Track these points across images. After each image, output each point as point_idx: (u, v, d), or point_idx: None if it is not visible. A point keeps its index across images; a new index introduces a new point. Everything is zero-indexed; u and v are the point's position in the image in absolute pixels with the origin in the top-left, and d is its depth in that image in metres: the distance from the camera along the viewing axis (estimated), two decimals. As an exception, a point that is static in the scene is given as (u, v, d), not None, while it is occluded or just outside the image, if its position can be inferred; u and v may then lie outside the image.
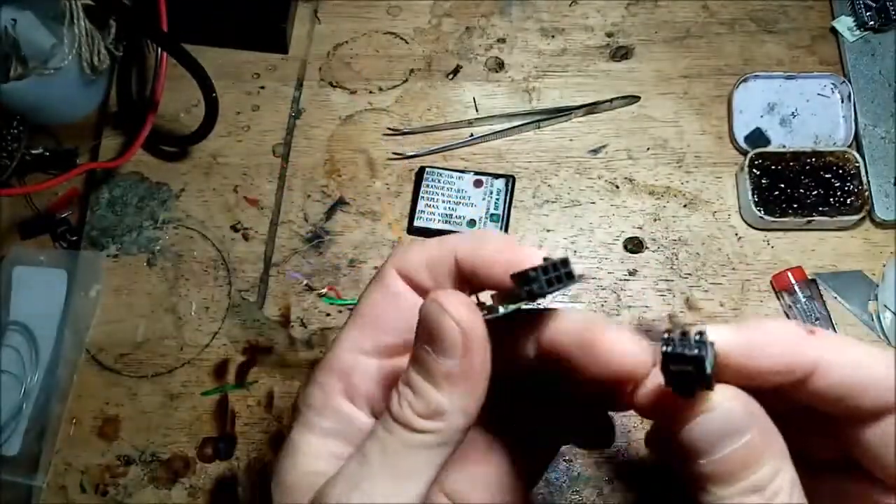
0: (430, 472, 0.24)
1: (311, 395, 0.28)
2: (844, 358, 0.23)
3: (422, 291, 0.29)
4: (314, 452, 0.27)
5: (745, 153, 0.58)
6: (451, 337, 0.24)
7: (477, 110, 0.62)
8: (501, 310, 0.26)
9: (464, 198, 0.58)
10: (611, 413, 0.32)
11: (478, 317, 0.24)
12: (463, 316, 0.24)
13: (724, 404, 0.22)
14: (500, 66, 0.64)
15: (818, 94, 0.61)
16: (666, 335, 0.23)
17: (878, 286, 0.55)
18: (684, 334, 0.23)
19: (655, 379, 0.25)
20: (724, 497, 0.22)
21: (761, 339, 0.23)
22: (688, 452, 0.23)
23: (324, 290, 0.46)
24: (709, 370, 0.22)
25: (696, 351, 0.22)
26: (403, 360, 0.27)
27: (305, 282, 0.43)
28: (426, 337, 0.24)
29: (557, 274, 0.26)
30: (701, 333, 0.23)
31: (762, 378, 0.23)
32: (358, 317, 0.29)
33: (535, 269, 0.25)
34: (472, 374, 0.24)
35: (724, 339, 0.23)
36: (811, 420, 0.24)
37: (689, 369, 0.22)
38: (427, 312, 0.24)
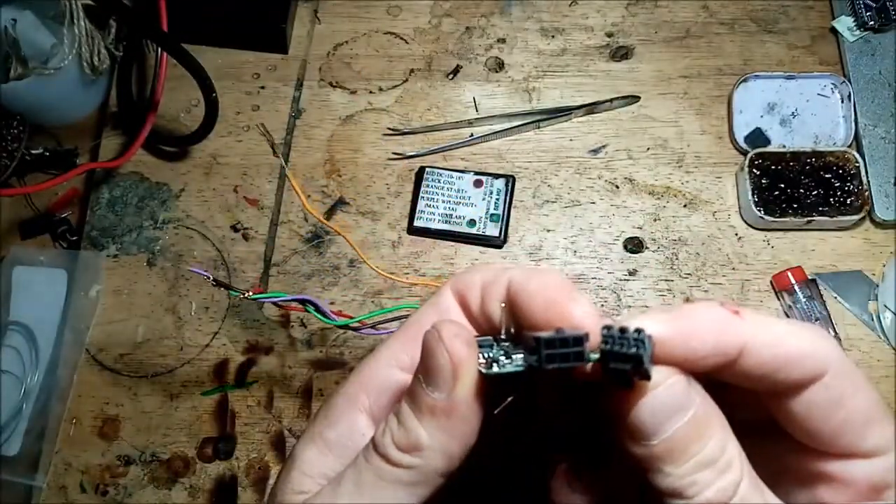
0: None
1: (333, 403, 0.27)
2: (769, 336, 0.23)
3: (470, 313, 0.28)
4: (308, 470, 0.26)
5: (745, 153, 0.58)
6: (441, 367, 0.23)
7: (477, 110, 0.62)
8: (496, 368, 0.24)
9: (464, 198, 0.58)
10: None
11: (473, 354, 0.24)
12: (457, 349, 0.23)
13: (665, 384, 0.23)
14: (500, 66, 0.64)
15: (818, 94, 0.61)
16: (605, 331, 0.23)
17: (878, 286, 0.55)
18: (623, 331, 0.23)
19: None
20: (678, 475, 0.22)
21: (690, 325, 0.24)
22: (637, 436, 0.23)
23: (247, 293, 0.44)
24: (646, 365, 0.22)
25: (634, 349, 0.22)
26: None
27: (211, 277, 0.42)
28: (421, 366, 0.24)
29: (565, 352, 0.23)
30: (639, 331, 0.23)
31: (696, 363, 0.23)
32: (403, 330, 0.28)
33: (541, 338, 0.23)
34: (457, 412, 0.23)
35: (658, 330, 0.23)
36: (739, 392, 0.25)
37: (627, 368, 0.23)
38: (425, 339, 0.24)
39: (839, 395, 0.23)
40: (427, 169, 0.59)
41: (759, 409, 0.25)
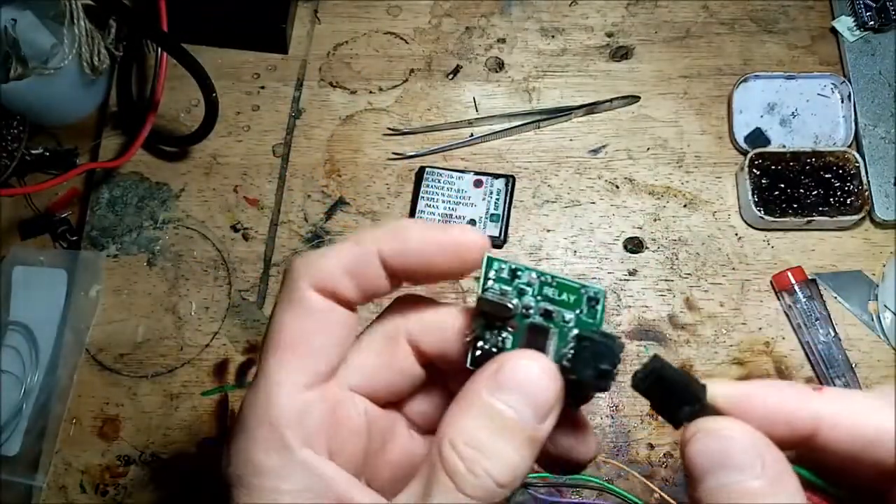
0: None
1: (254, 458, 0.25)
2: (845, 411, 0.23)
3: (347, 303, 0.27)
4: None
5: (745, 153, 0.58)
6: (552, 402, 0.24)
7: (477, 110, 0.62)
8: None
9: (464, 198, 0.58)
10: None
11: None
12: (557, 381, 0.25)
13: (721, 432, 0.22)
14: (500, 66, 0.64)
15: (818, 94, 0.61)
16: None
17: (878, 286, 0.55)
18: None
19: None
20: None
21: (758, 390, 0.24)
22: (688, 476, 0.23)
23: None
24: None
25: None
26: (337, 385, 0.27)
27: None
28: (523, 399, 0.24)
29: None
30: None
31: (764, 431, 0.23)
32: (281, 349, 0.26)
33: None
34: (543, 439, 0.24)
35: (724, 390, 0.24)
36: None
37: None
38: (528, 376, 0.24)
39: None
40: (427, 169, 0.59)
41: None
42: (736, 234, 0.58)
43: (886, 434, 0.22)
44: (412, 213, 0.58)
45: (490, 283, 0.27)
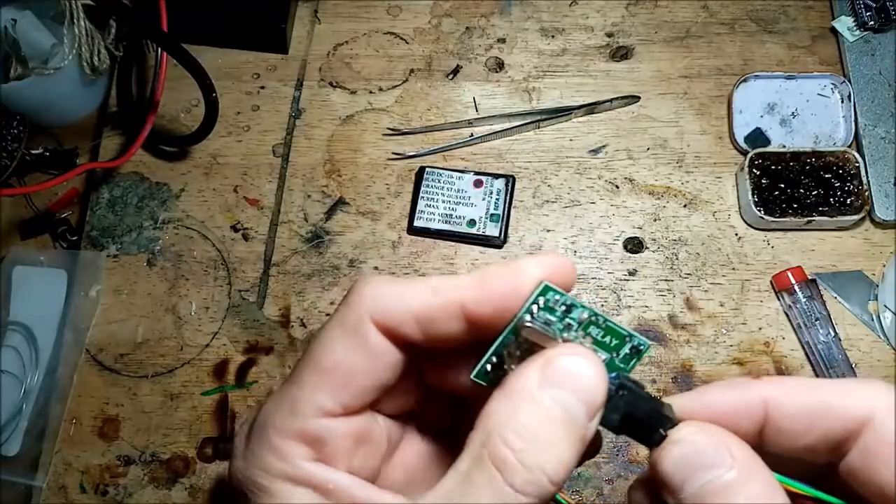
0: None
1: (271, 466, 0.25)
2: (793, 388, 0.24)
3: (407, 346, 0.26)
4: None
5: (745, 153, 0.58)
6: (601, 396, 0.24)
7: (477, 110, 0.62)
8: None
9: (464, 198, 0.58)
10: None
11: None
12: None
13: (689, 438, 0.23)
14: (500, 66, 0.64)
15: (818, 94, 0.61)
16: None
17: (878, 286, 0.55)
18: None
19: None
20: None
21: (708, 392, 0.24)
22: (666, 488, 0.23)
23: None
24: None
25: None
26: (365, 415, 0.27)
27: None
28: (578, 397, 0.23)
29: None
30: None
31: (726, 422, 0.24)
32: (323, 372, 0.25)
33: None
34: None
35: (681, 402, 0.24)
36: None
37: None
38: (579, 369, 0.24)
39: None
40: (427, 169, 0.59)
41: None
42: (736, 234, 0.58)
43: (826, 403, 0.23)
44: (412, 213, 0.58)
45: (536, 309, 0.25)
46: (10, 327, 0.55)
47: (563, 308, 0.26)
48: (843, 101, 0.60)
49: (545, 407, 0.23)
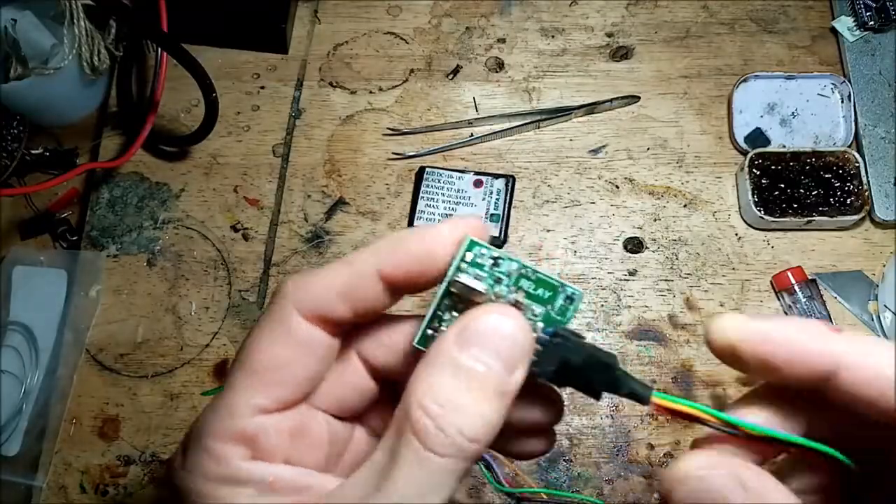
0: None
1: (209, 471, 0.25)
2: (868, 354, 0.22)
3: (337, 327, 0.26)
4: None
5: (745, 153, 0.58)
6: (518, 348, 0.24)
7: (477, 110, 0.62)
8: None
9: (464, 198, 0.58)
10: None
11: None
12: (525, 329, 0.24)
13: (700, 472, 0.23)
14: (500, 66, 0.64)
15: (818, 94, 0.61)
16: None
17: (878, 286, 0.55)
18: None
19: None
20: None
21: (776, 328, 0.23)
22: None
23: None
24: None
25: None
26: (304, 405, 0.27)
27: None
28: (493, 353, 0.24)
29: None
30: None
31: (782, 371, 0.23)
32: (253, 372, 0.26)
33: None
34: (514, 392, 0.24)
35: (740, 324, 0.23)
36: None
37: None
38: (501, 331, 0.24)
39: None
40: (427, 169, 0.59)
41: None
42: (736, 234, 0.58)
43: None
44: (412, 213, 0.58)
45: (465, 265, 0.26)
46: (10, 327, 0.55)
47: (491, 262, 0.26)
48: (843, 101, 0.60)
49: (462, 368, 0.23)
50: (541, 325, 0.26)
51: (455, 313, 0.26)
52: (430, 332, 0.26)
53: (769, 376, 0.24)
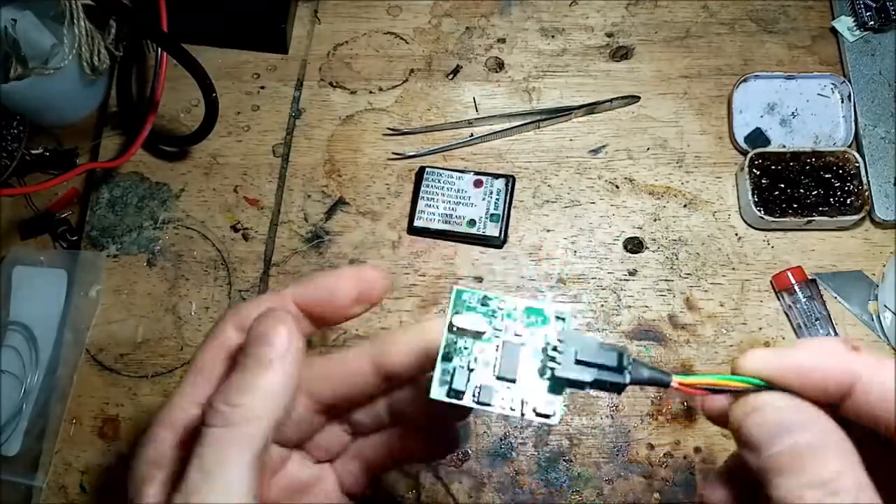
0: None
1: (143, 453, 0.29)
2: (883, 374, 0.24)
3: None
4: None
5: (745, 153, 0.58)
6: (269, 334, 0.28)
7: (477, 110, 0.62)
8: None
9: (464, 198, 0.58)
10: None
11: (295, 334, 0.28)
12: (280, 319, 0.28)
13: (775, 404, 0.25)
14: (500, 66, 0.64)
15: (818, 94, 0.61)
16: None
17: (878, 286, 0.55)
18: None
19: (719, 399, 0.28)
20: (787, 488, 0.24)
21: (795, 358, 0.25)
22: (749, 447, 0.25)
23: None
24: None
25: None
26: None
27: None
28: (251, 335, 0.28)
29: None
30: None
31: (804, 388, 0.25)
32: (193, 372, 0.31)
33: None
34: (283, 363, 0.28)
35: (764, 363, 0.26)
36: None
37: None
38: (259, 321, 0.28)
39: None
40: (427, 169, 0.59)
41: None
42: (736, 234, 0.58)
43: None
44: (412, 213, 0.58)
45: (458, 314, 0.28)
46: (10, 327, 0.55)
47: (480, 302, 0.29)
48: (843, 101, 0.60)
49: (244, 367, 0.28)
50: (545, 342, 0.28)
51: (462, 355, 0.28)
52: (447, 377, 0.28)
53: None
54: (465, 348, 0.28)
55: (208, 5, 0.62)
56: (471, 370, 0.28)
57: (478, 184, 0.59)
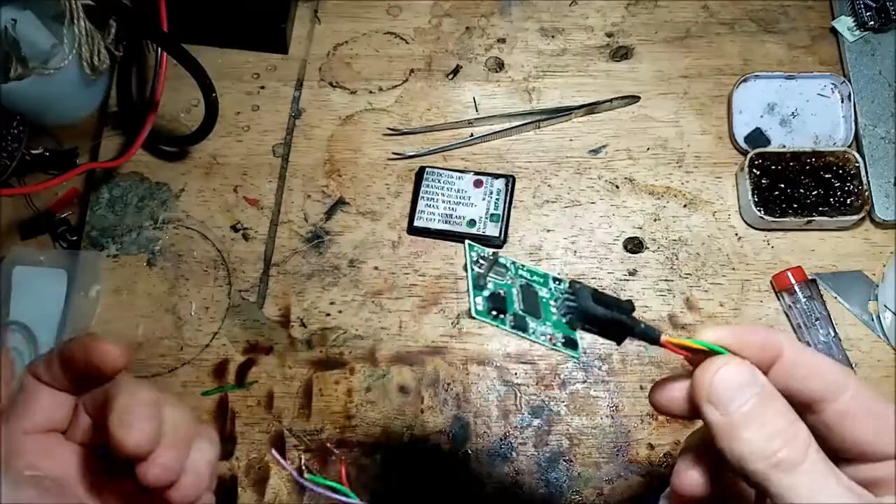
0: None
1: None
2: (801, 349, 0.29)
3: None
4: None
5: (745, 153, 0.58)
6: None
7: (477, 110, 0.62)
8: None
9: (464, 198, 0.58)
10: None
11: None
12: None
13: (737, 360, 0.28)
14: (500, 66, 0.64)
15: (818, 94, 0.61)
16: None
17: (878, 286, 0.55)
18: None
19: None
20: (754, 440, 0.26)
21: (740, 333, 0.29)
22: (718, 406, 0.27)
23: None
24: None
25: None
26: None
27: None
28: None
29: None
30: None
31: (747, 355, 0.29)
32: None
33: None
34: None
35: (715, 333, 0.29)
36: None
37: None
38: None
39: (866, 407, 0.28)
40: (427, 169, 0.59)
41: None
42: (736, 234, 0.58)
43: (832, 368, 0.29)
44: (412, 213, 0.58)
45: (475, 258, 0.33)
46: (10, 327, 0.55)
47: (491, 257, 0.33)
48: (843, 101, 0.60)
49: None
50: (551, 288, 0.33)
51: (496, 279, 0.32)
52: (487, 298, 0.31)
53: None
54: (493, 282, 0.32)
55: (208, 5, 0.62)
56: (504, 297, 0.31)
57: (478, 184, 0.59)
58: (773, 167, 0.57)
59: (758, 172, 0.57)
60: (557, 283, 0.33)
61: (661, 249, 0.58)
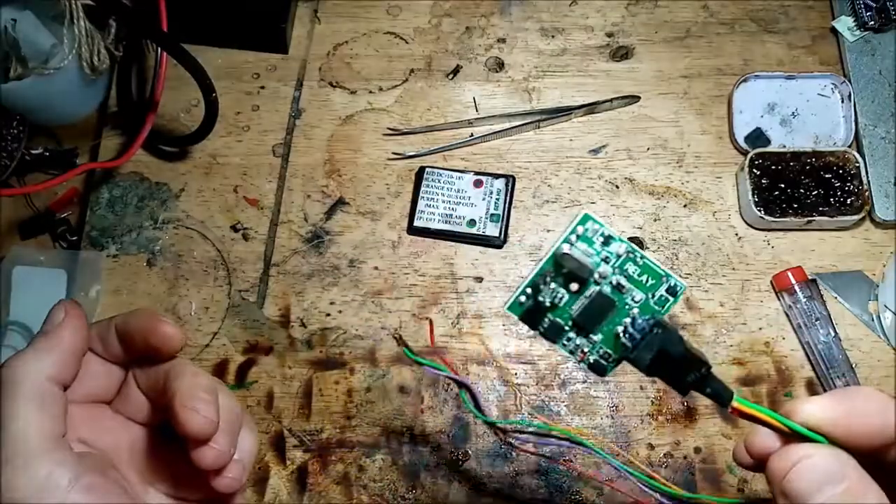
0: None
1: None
2: None
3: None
4: None
5: (745, 153, 0.58)
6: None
7: (477, 110, 0.62)
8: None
9: (464, 198, 0.58)
10: None
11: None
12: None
13: (821, 454, 0.25)
14: (500, 66, 0.64)
15: (818, 94, 0.61)
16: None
17: (878, 286, 0.55)
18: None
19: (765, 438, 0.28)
20: None
21: (856, 407, 0.26)
22: (793, 500, 0.25)
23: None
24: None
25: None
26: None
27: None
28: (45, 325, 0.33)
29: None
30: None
31: (857, 442, 0.26)
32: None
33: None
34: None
35: (822, 412, 0.26)
36: None
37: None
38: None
39: None
40: (427, 169, 0.59)
41: None
42: (736, 234, 0.58)
43: None
44: (412, 213, 0.58)
45: (575, 238, 0.28)
46: (10, 327, 0.55)
47: (602, 239, 0.28)
48: (843, 101, 0.60)
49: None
50: (636, 310, 0.28)
51: (554, 285, 0.28)
52: (522, 298, 0.29)
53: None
54: (555, 283, 0.28)
55: (208, 5, 0.62)
56: (554, 304, 0.28)
57: (478, 184, 0.59)
58: (773, 167, 0.57)
59: (758, 172, 0.57)
60: (670, 294, 0.30)
61: (662, 249, 0.58)
